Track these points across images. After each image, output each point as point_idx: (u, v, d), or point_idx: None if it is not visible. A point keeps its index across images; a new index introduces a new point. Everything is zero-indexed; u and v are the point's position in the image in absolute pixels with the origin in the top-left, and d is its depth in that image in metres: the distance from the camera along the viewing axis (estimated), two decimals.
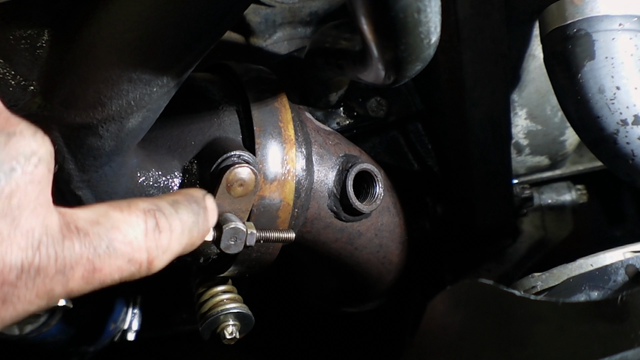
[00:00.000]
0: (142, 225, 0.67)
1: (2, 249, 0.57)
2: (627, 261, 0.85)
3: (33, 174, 0.58)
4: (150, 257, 0.67)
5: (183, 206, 0.72)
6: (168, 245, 0.69)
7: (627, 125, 0.93)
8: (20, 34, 0.80)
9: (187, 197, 0.74)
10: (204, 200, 0.76)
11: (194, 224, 0.73)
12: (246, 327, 1.03)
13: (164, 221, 0.69)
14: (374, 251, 1.14)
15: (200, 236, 0.74)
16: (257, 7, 1.24)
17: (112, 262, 0.63)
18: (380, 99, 1.25)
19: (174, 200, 0.72)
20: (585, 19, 0.95)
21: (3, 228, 0.57)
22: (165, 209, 0.70)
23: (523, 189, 1.39)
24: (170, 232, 0.69)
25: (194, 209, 0.74)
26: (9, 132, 0.58)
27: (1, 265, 0.57)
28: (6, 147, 0.57)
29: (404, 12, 0.68)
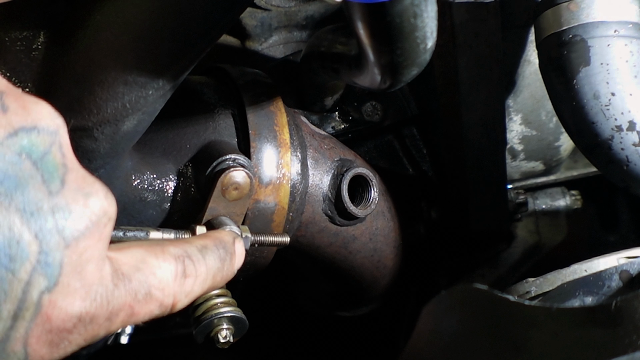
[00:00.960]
0: (172, 271, 0.71)
1: (68, 300, 0.61)
2: (621, 267, 0.85)
3: (102, 233, 0.63)
4: (175, 300, 0.71)
5: (210, 252, 0.77)
6: (191, 290, 0.73)
7: (622, 131, 0.94)
8: (15, 35, 0.80)
9: (216, 243, 0.79)
10: (232, 245, 0.81)
11: (219, 270, 0.77)
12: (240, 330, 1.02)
13: (191, 268, 0.73)
14: (368, 255, 1.14)
15: (223, 280, 0.79)
16: (253, 11, 1.24)
17: (146, 306, 0.68)
18: (375, 103, 1.25)
19: (203, 246, 0.77)
20: (581, 25, 0.95)
21: (71, 281, 0.61)
22: (194, 255, 0.74)
23: (517, 194, 1.39)
24: (195, 277, 0.73)
25: (221, 254, 0.78)
26: (86, 192, 0.62)
27: (64, 315, 0.61)
28: (83, 207, 0.61)
29: (400, 17, 0.68)
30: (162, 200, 0.95)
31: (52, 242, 0.59)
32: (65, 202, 0.60)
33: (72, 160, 0.63)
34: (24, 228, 0.58)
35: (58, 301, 0.60)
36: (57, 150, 0.61)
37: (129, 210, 0.93)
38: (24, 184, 0.58)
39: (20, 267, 0.58)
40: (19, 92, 0.61)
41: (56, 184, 0.60)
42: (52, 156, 0.60)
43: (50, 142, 0.61)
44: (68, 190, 0.61)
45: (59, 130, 0.62)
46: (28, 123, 0.60)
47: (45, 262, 0.59)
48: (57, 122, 0.62)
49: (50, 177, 0.60)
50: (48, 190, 0.60)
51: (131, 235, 0.83)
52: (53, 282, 0.60)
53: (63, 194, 0.60)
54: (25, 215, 0.58)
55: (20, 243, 0.58)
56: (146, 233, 0.85)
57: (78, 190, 0.61)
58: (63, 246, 0.60)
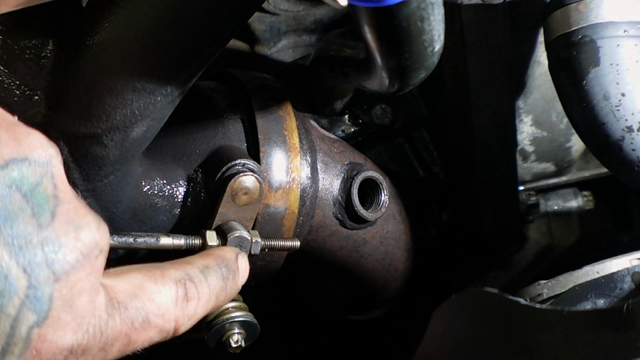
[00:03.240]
0: (173, 295, 0.70)
1: (59, 334, 0.61)
2: (634, 268, 0.84)
3: (93, 265, 0.62)
4: (177, 325, 0.71)
5: (213, 272, 0.76)
6: (194, 313, 0.72)
7: (633, 132, 0.93)
8: (25, 43, 0.80)
9: (218, 261, 0.78)
10: (235, 262, 0.80)
11: (222, 289, 0.77)
12: (252, 335, 1.02)
13: (193, 290, 0.72)
14: (380, 259, 1.14)
15: (227, 299, 0.78)
16: (261, 15, 1.24)
17: (145, 334, 0.67)
18: (385, 106, 1.25)
19: (205, 266, 0.76)
20: (590, 25, 0.95)
21: (62, 314, 0.61)
22: (195, 276, 0.74)
23: (529, 196, 1.38)
24: (197, 300, 0.73)
25: (224, 273, 0.77)
26: (77, 225, 0.62)
27: (54, 348, 0.61)
28: (74, 240, 0.61)
29: (407, 21, 0.68)
30: (172, 205, 0.95)
31: (41, 276, 0.59)
32: (55, 235, 0.60)
33: (64, 191, 0.62)
34: (12, 262, 0.57)
35: (48, 335, 0.60)
36: (49, 181, 0.61)
37: (139, 216, 0.93)
38: (13, 217, 0.58)
39: (9, 302, 0.57)
40: (13, 121, 0.61)
41: (46, 216, 0.60)
42: (43, 188, 0.60)
43: (41, 173, 0.60)
44: (58, 223, 0.60)
45: (51, 161, 0.61)
46: (19, 154, 0.59)
47: (35, 296, 0.58)
48: (49, 152, 0.61)
49: (41, 209, 0.60)
50: (38, 224, 0.59)
51: (141, 241, 0.83)
52: (43, 316, 0.59)
53: (53, 227, 0.60)
54: (13, 249, 0.57)
55: (9, 277, 0.57)
56: (156, 239, 0.85)
57: (69, 223, 0.61)
58: (53, 280, 0.59)
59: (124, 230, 0.91)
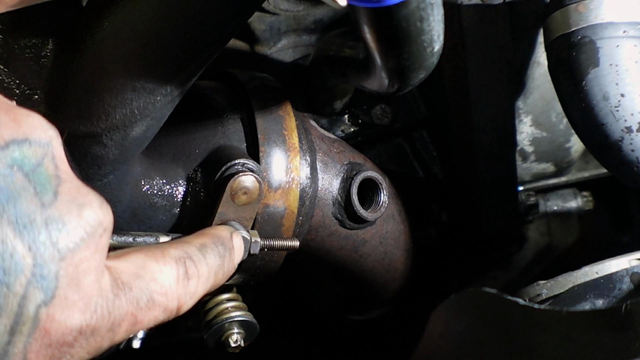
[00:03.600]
0: (174, 274, 0.71)
1: (67, 313, 0.61)
2: (632, 269, 0.85)
3: (98, 244, 0.62)
4: (180, 303, 0.71)
5: (210, 250, 0.77)
6: (195, 290, 0.73)
7: (632, 132, 0.93)
8: (25, 43, 0.80)
9: (214, 239, 0.79)
10: (230, 240, 0.81)
11: (220, 267, 0.77)
12: (251, 335, 1.02)
13: (193, 268, 0.73)
14: (379, 259, 1.14)
15: (224, 277, 0.78)
16: (261, 15, 1.24)
17: (150, 313, 0.68)
18: (385, 106, 1.25)
19: (202, 244, 0.77)
20: (590, 26, 0.95)
21: (69, 293, 0.61)
22: (194, 255, 0.74)
23: (528, 196, 1.38)
24: (198, 278, 0.73)
25: (220, 251, 0.78)
26: (80, 203, 0.62)
27: (63, 328, 0.61)
28: (77, 218, 0.61)
29: (407, 21, 0.68)
30: (171, 205, 0.95)
31: (46, 255, 0.59)
32: (59, 214, 0.60)
33: (65, 172, 0.62)
34: (17, 241, 0.57)
35: (56, 314, 0.60)
36: (50, 161, 0.61)
37: (139, 215, 0.93)
38: (16, 197, 0.58)
39: (15, 280, 0.57)
40: (11, 104, 0.61)
41: (49, 195, 0.60)
42: (45, 168, 0.60)
43: (42, 153, 0.60)
44: (61, 202, 0.60)
45: (51, 142, 0.61)
46: (19, 135, 0.59)
47: (41, 274, 0.58)
48: (49, 133, 0.62)
49: (43, 189, 0.60)
50: (41, 202, 0.59)
51: (141, 241, 0.83)
52: (50, 295, 0.59)
53: (56, 205, 0.60)
54: (18, 228, 0.58)
55: (14, 256, 0.57)
56: (156, 238, 0.85)
57: (72, 202, 0.61)
58: (58, 258, 0.59)
59: (123, 229, 0.91)
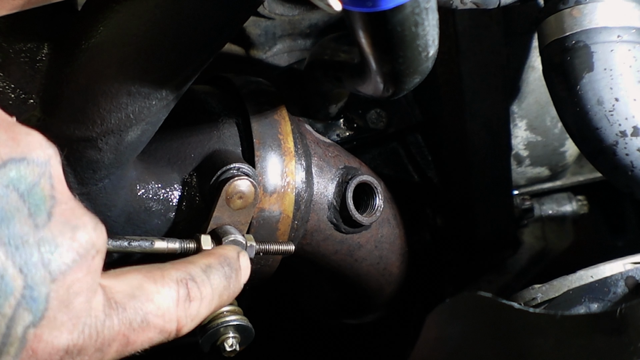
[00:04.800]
0: (174, 296, 0.69)
1: (54, 334, 0.61)
2: (627, 273, 0.85)
3: (90, 266, 0.62)
4: (180, 325, 0.70)
5: (215, 270, 0.75)
6: (197, 313, 0.72)
7: (626, 137, 0.93)
8: (20, 47, 0.80)
9: (221, 260, 0.77)
10: (237, 261, 0.79)
11: (225, 288, 0.76)
12: (246, 339, 1.02)
13: (196, 290, 0.72)
14: (374, 263, 1.14)
15: (230, 298, 0.77)
16: (256, 20, 1.24)
17: (144, 334, 0.67)
18: (380, 110, 1.25)
19: (207, 265, 0.75)
20: (584, 30, 0.95)
21: (58, 315, 0.60)
22: (198, 276, 0.73)
23: (523, 200, 1.39)
24: (200, 300, 0.72)
25: (227, 272, 0.77)
26: (74, 225, 0.61)
27: (50, 348, 0.60)
28: (70, 240, 0.61)
29: (402, 26, 0.68)
30: (167, 209, 0.95)
31: (37, 277, 0.58)
32: (52, 236, 0.60)
33: (61, 192, 0.62)
34: (8, 262, 0.57)
35: (44, 335, 0.60)
36: (46, 181, 0.61)
37: (134, 220, 0.93)
38: (10, 217, 0.58)
39: (5, 302, 0.57)
40: (11, 121, 0.61)
41: (43, 217, 0.60)
42: (41, 188, 0.60)
43: (39, 173, 0.60)
44: (55, 223, 0.60)
45: (49, 161, 0.61)
46: (17, 154, 0.59)
47: (31, 296, 0.58)
48: (48, 152, 0.61)
49: (37, 210, 0.60)
50: (34, 224, 0.59)
51: (136, 245, 0.83)
52: (39, 316, 0.59)
53: (49, 227, 0.60)
54: (10, 249, 0.57)
55: (5, 277, 0.57)
56: (151, 242, 0.85)
57: (65, 223, 0.61)
58: (49, 280, 0.59)
59: (118, 234, 0.91)
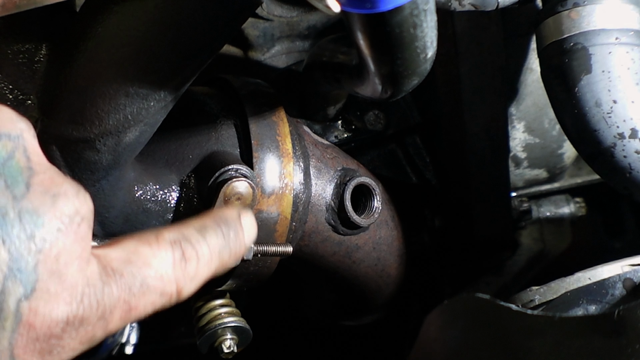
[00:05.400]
0: (170, 257, 0.68)
1: (51, 306, 0.60)
2: (625, 275, 0.85)
3: (77, 233, 0.61)
4: (179, 286, 0.68)
5: (211, 230, 0.73)
6: (195, 273, 0.70)
7: (624, 139, 0.93)
8: (18, 48, 0.80)
9: (216, 220, 0.75)
10: (237, 220, 0.76)
11: (224, 247, 0.73)
12: (244, 340, 1.02)
13: (190, 250, 0.70)
14: (372, 264, 1.14)
15: (232, 258, 0.74)
16: (255, 21, 1.24)
17: (146, 298, 0.65)
18: (378, 112, 1.25)
19: (202, 226, 0.73)
20: (582, 32, 0.95)
21: (51, 286, 0.59)
22: (192, 236, 0.71)
23: (521, 202, 1.39)
24: (197, 259, 0.70)
25: (224, 231, 0.74)
26: (54, 193, 0.60)
27: (48, 321, 0.59)
28: (52, 209, 0.60)
29: (400, 27, 0.69)
30: (165, 211, 0.95)
31: (21, 248, 0.58)
32: (32, 206, 0.59)
33: (39, 163, 0.61)
34: None
35: (39, 308, 0.59)
36: (21, 154, 0.60)
37: (132, 221, 0.93)
38: None
39: None
40: None
41: (20, 188, 0.59)
42: (16, 161, 0.60)
43: (12, 147, 0.60)
44: (34, 193, 0.60)
45: (22, 135, 0.61)
46: None
47: (18, 268, 0.58)
48: (19, 126, 0.61)
49: (14, 181, 0.59)
50: (12, 195, 0.58)
51: None
52: (30, 288, 0.58)
53: (29, 197, 0.59)
54: None
55: None
56: None
57: (45, 193, 0.60)
58: (35, 251, 0.59)
59: (116, 235, 0.91)
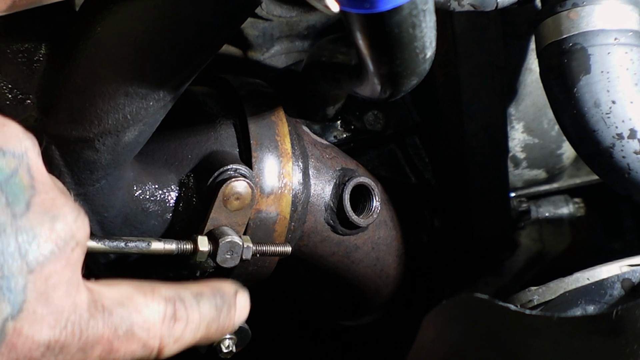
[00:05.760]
0: (162, 312, 0.68)
1: (34, 328, 0.59)
2: (623, 275, 0.85)
3: (70, 258, 0.61)
4: (162, 344, 0.68)
5: (206, 299, 0.73)
6: (181, 336, 0.69)
7: (623, 139, 0.93)
8: (17, 47, 0.80)
9: (214, 291, 0.75)
10: (233, 297, 0.76)
11: (214, 319, 0.73)
12: (243, 340, 1.02)
13: (182, 311, 0.69)
14: (371, 264, 1.14)
15: (219, 332, 0.74)
16: (254, 21, 1.24)
17: (128, 345, 0.65)
18: (377, 112, 1.25)
19: (199, 292, 0.73)
20: (581, 33, 0.96)
21: (38, 307, 0.59)
22: (187, 299, 0.71)
23: (520, 202, 1.39)
24: (186, 323, 0.69)
25: (217, 303, 0.74)
26: (53, 215, 0.60)
27: (30, 343, 0.59)
28: (49, 231, 0.60)
29: (399, 27, 0.69)
30: (164, 210, 0.95)
31: (14, 267, 0.58)
32: (30, 225, 0.59)
33: (42, 182, 0.61)
34: None
35: (24, 329, 0.59)
36: (25, 172, 0.60)
37: (131, 220, 0.93)
38: None
39: None
40: None
41: (21, 206, 0.59)
42: (19, 178, 0.59)
43: (16, 164, 0.59)
44: (33, 213, 0.59)
45: (26, 153, 0.61)
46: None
47: (8, 287, 0.57)
48: (24, 144, 0.61)
49: (15, 199, 0.59)
50: (12, 213, 0.58)
51: (132, 246, 0.83)
52: (17, 308, 0.58)
53: (28, 217, 0.59)
54: None
55: None
56: (148, 243, 0.85)
57: (45, 213, 0.60)
58: (26, 271, 0.58)
59: (115, 234, 0.91)
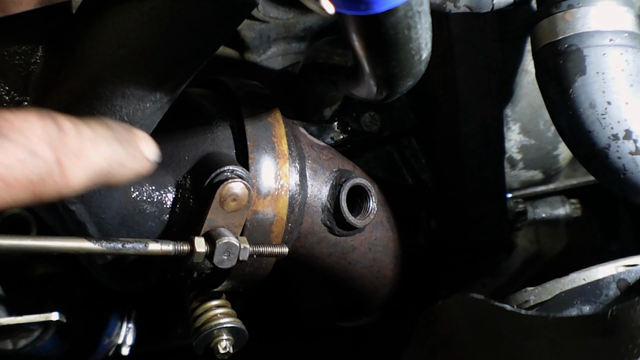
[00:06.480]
0: (37, 121, 0.57)
1: None
2: (619, 275, 0.85)
3: None
4: (59, 156, 0.57)
5: (93, 121, 0.62)
6: (79, 149, 0.58)
7: (619, 140, 0.94)
8: (14, 49, 0.81)
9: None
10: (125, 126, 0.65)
11: (114, 138, 0.62)
12: (240, 341, 1.03)
13: (67, 124, 0.58)
14: (368, 265, 1.14)
15: (130, 155, 0.63)
16: (251, 23, 1.24)
17: (8, 153, 0.55)
18: (374, 113, 1.26)
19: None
20: (576, 34, 0.96)
21: None
22: (68, 118, 0.60)
23: (517, 203, 1.39)
24: (78, 136, 0.58)
25: (109, 124, 0.63)
26: None
27: None
28: None
29: (395, 29, 0.69)
30: (161, 212, 0.95)
31: None
32: None
33: None
34: None
35: None
36: None
37: (128, 222, 0.93)
38: None
39: None
40: None
41: None
42: None
43: None
44: None
45: None
46: None
47: None
48: None
49: None
50: None
51: (130, 247, 0.83)
52: None
53: None
54: None
55: None
56: (145, 245, 0.85)
57: None
58: None
59: (112, 236, 0.92)
